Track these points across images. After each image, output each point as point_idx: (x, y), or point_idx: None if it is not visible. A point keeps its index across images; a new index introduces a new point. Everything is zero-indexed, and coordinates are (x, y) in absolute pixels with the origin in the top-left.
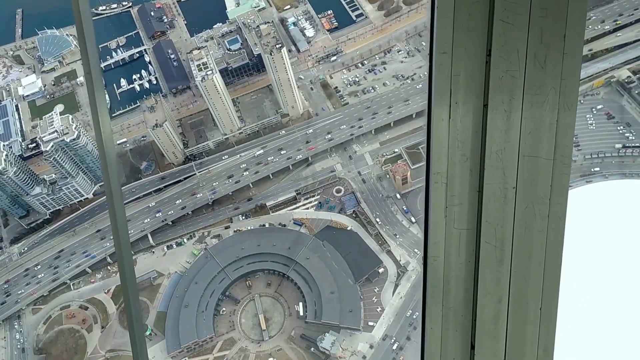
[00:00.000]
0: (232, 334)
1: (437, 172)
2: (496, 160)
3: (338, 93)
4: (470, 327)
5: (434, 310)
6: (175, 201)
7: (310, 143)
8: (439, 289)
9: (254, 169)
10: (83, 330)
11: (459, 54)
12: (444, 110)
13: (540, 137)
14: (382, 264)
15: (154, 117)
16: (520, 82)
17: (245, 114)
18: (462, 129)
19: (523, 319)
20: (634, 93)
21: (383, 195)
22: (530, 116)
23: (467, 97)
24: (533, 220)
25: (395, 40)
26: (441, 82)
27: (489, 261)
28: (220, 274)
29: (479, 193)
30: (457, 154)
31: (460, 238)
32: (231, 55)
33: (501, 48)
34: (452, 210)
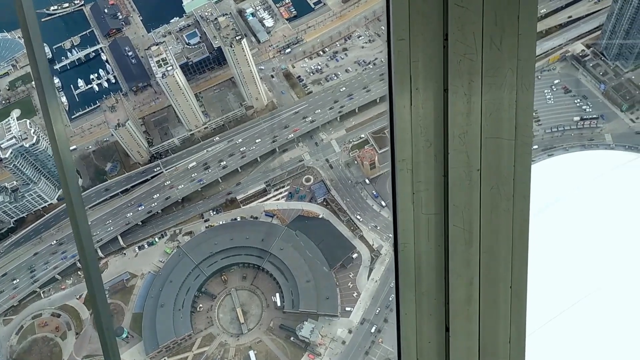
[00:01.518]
0: (211, 330)
1: (402, 159)
2: (459, 144)
3: (301, 82)
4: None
5: (408, 296)
6: (145, 200)
7: (293, 125)
8: (410, 274)
9: (222, 163)
10: (57, 338)
11: (417, 40)
12: (405, 97)
13: (500, 118)
14: (355, 250)
15: (116, 117)
16: (478, 65)
17: (209, 109)
18: (424, 114)
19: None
20: (589, 66)
21: (352, 181)
22: (490, 98)
23: (427, 82)
24: (499, 201)
25: (354, 26)
26: (400, 68)
27: (458, 244)
28: (195, 270)
29: (444, 177)
30: (420, 139)
31: (429, 223)
32: (191, 49)
33: (457, 32)
34: (419, 196)
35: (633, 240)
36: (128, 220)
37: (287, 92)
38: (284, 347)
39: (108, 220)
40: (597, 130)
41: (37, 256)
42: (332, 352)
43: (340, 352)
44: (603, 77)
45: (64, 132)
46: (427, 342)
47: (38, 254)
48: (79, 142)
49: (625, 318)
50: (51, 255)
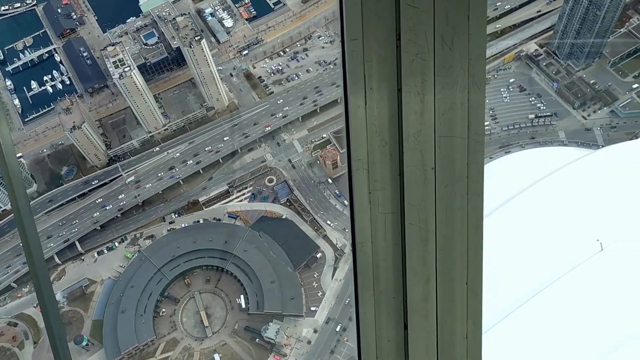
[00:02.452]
0: (174, 334)
1: (358, 159)
2: (414, 143)
3: (262, 82)
4: (402, 308)
5: (366, 295)
6: (103, 204)
7: (265, 121)
8: (369, 274)
9: (183, 165)
10: (14, 347)
11: (370, 40)
12: (359, 97)
13: (453, 117)
14: (319, 249)
15: (71, 119)
16: (430, 65)
17: (169, 110)
18: (378, 114)
19: (451, 295)
20: (542, 65)
21: (315, 181)
22: (442, 97)
23: (381, 82)
24: (453, 198)
25: (314, 26)
26: (354, 68)
27: (415, 242)
28: (157, 274)
29: (400, 176)
30: (375, 139)
31: (386, 222)
32: (148, 50)
33: (410, 32)
34: (376, 196)
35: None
36: (87, 224)
37: (248, 92)
38: (249, 349)
39: (65, 225)
40: (551, 127)
41: None
42: (297, 352)
43: (306, 352)
44: (556, 76)
45: (9, 136)
46: (387, 341)
47: None
48: (33, 145)
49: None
50: (6, 263)
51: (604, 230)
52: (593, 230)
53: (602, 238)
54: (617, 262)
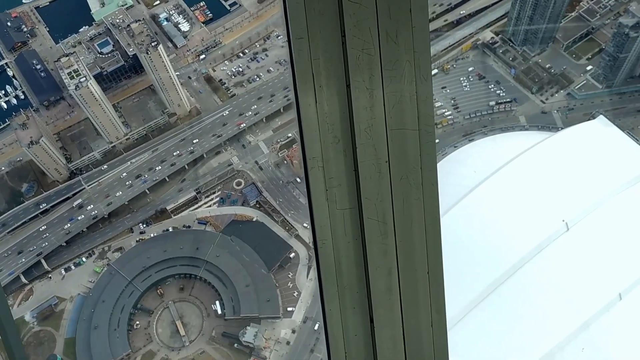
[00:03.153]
0: (150, 346)
1: (312, 157)
2: (366, 137)
3: (223, 85)
4: (367, 302)
5: (331, 292)
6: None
7: (238, 119)
8: (331, 270)
9: (148, 174)
10: None
11: (315, 37)
12: (309, 95)
13: (403, 109)
14: (292, 249)
15: (28, 135)
16: (376, 59)
17: (129, 119)
18: (329, 111)
19: (414, 285)
20: (499, 52)
21: (283, 181)
22: (391, 91)
23: (330, 79)
24: (409, 190)
25: (273, 26)
26: (302, 67)
27: (374, 236)
28: (128, 287)
29: (355, 172)
30: (328, 136)
31: (344, 218)
32: (104, 59)
33: (354, 28)
34: (332, 192)
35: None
36: (52, 241)
37: (210, 96)
38: (228, 355)
39: (28, 243)
40: (512, 113)
41: None
42: (277, 354)
43: (286, 352)
44: (513, 62)
45: None
46: (354, 335)
47: None
48: None
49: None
50: None
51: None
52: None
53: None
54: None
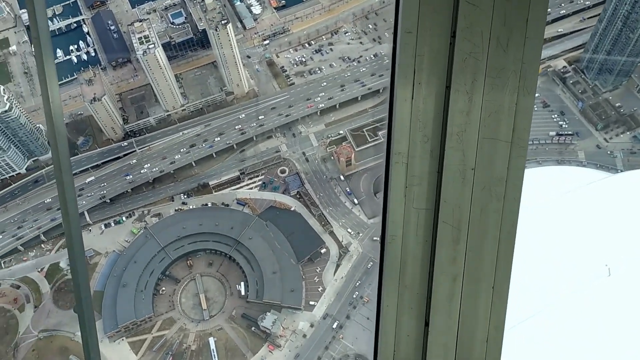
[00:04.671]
0: (172, 314)
1: (398, 152)
2: (456, 141)
3: (284, 73)
4: (425, 304)
5: (390, 288)
6: (115, 177)
7: (309, 100)
8: (395, 267)
9: (197, 147)
10: (14, 309)
11: (424, 34)
12: (407, 91)
13: (499, 120)
14: (324, 245)
15: (92, 91)
16: (482, 65)
17: (188, 91)
18: (424, 109)
19: (476, 297)
20: (569, 83)
21: (327, 176)
22: (490, 99)
23: (430, 78)
24: (489, 201)
25: (342, 21)
26: (405, 61)
27: (446, 241)
28: (161, 253)
29: (438, 174)
30: (418, 134)
31: (419, 217)
32: (174, 29)
33: (465, 30)
34: (412, 190)
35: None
36: (96, 196)
37: (269, 81)
38: (244, 337)
39: (77, 193)
40: (571, 146)
41: (0, 225)
42: (292, 344)
43: (301, 345)
44: (582, 95)
45: (58, 96)
46: (406, 335)
47: (1, 224)
48: None
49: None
50: (14, 226)
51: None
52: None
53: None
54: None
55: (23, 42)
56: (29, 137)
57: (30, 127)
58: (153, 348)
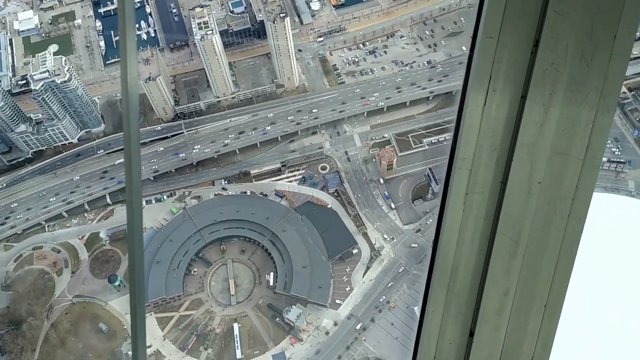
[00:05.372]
0: (200, 295)
1: (463, 158)
2: (526, 153)
3: (336, 71)
4: (472, 315)
5: (438, 294)
6: (161, 156)
7: (364, 99)
8: (446, 273)
9: (247, 134)
10: (53, 272)
11: (505, 40)
12: (480, 96)
13: (574, 135)
14: (356, 245)
15: (148, 70)
16: (563, 78)
17: (240, 79)
18: (495, 117)
19: (526, 313)
20: (626, 109)
21: (367, 178)
22: (567, 113)
23: (506, 85)
24: (553, 217)
25: (399, 25)
26: (482, 66)
27: (502, 253)
28: (196, 234)
29: (502, 184)
30: (486, 142)
31: (476, 226)
32: (233, 17)
33: (550, 40)
34: (472, 198)
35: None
36: (143, 173)
37: (320, 78)
38: (268, 326)
39: (120, 168)
40: (622, 174)
41: (49, 190)
42: (314, 340)
43: (323, 341)
44: (639, 123)
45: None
46: (448, 343)
47: (50, 189)
48: (108, 88)
49: None
50: (62, 193)
51: None
52: None
53: None
54: None
55: (88, 16)
56: (84, 108)
57: (86, 99)
58: (179, 326)
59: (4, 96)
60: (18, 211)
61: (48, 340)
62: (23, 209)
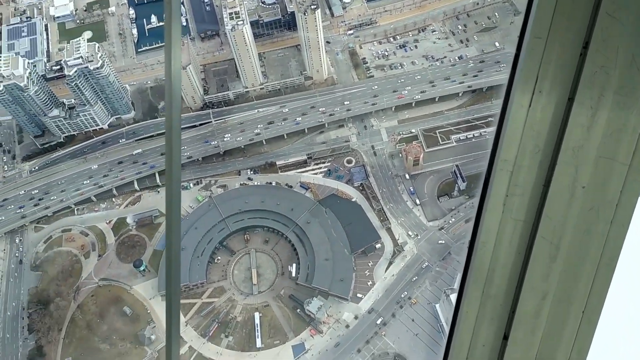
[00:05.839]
0: (223, 283)
1: (504, 159)
2: (571, 156)
3: (365, 64)
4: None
5: (473, 295)
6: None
7: (397, 92)
8: (482, 274)
9: (272, 125)
10: (80, 255)
11: (554, 41)
12: (525, 97)
13: (621, 140)
14: (380, 240)
15: None
16: (613, 81)
17: (269, 70)
18: (540, 119)
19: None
20: None
21: (392, 172)
22: (615, 117)
23: (553, 87)
24: (596, 223)
25: (431, 19)
26: (529, 67)
27: (541, 257)
28: (221, 223)
29: (544, 187)
30: (529, 143)
31: (515, 229)
32: (264, 8)
33: (600, 42)
34: (512, 200)
35: None
36: None
37: (349, 71)
38: (288, 317)
39: (148, 155)
40: None
41: (79, 174)
42: (334, 332)
43: (342, 334)
44: None
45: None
46: (482, 345)
47: (80, 173)
48: (139, 75)
49: None
50: (94, 177)
51: None
52: None
53: None
54: None
55: (122, 4)
56: (115, 95)
57: (117, 86)
58: (201, 313)
59: (39, 81)
60: (51, 193)
61: (74, 321)
62: (55, 191)
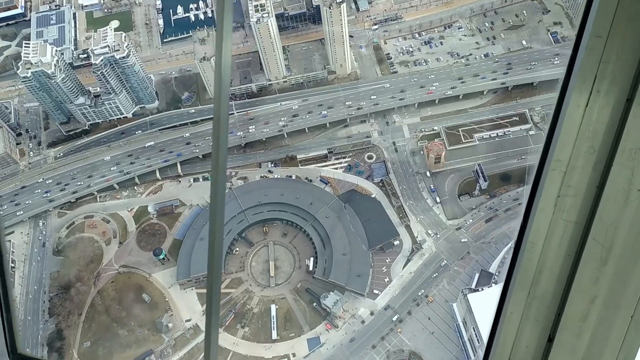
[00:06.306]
0: (241, 275)
1: (558, 159)
2: (627, 159)
3: (389, 60)
4: (553, 320)
5: (519, 296)
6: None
7: (425, 88)
8: (529, 276)
9: (300, 117)
10: (102, 241)
11: (615, 40)
12: (582, 97)
13: None
14: (398, 237)
15: (203, 50)
16: None
17: (293, 64)
18: (597, 119)
19: (611, 323)
20: None
21: (413, 170)
22: None
23: (612, 87)
24: None
25: (458, 15)
26: (588, 66)
27: (592, 259)
28: (240, 215)
29: (597, 189)
30: (584, 144)
31: (566, 230)
32: (290, 1)
33: None
34: (564, 201)
35: None
36: (191, 150)
37: (373, 66)
38: (304, 310)
39: (171, 145)
40: None
41: (104, 162)
42: (349, 328)
43: (358, 329)
44: None
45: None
46: (525, 347)
47: (104, 160)
48: (164, 66)
49: None
50: (115, 164)
51: None
52: None
53: None
54: None
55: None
56: (140, 84)
57: (142, 76)
58: None
59: (66, 68)
60: (76, 179)
61: (94, 306)
62: (80, 177)
